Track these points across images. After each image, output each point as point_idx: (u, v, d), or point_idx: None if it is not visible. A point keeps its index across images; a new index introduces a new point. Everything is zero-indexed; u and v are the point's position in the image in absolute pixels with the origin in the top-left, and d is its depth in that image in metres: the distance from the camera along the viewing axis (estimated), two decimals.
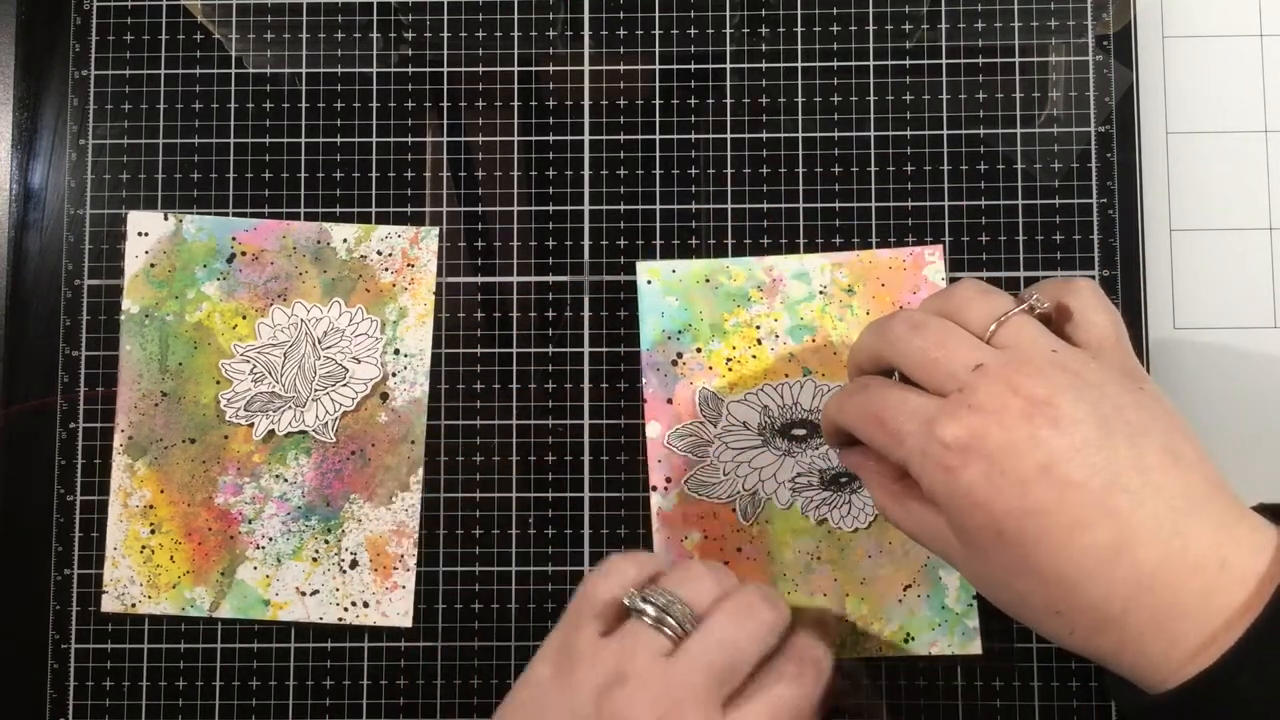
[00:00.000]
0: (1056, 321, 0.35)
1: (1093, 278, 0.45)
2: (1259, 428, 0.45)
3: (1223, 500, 0.31)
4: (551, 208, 0.46)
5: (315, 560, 0.45)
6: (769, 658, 0.35)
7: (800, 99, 0.46)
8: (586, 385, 0.45)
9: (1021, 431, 0.31)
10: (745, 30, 0.46)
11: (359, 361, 0.45)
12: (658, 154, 0.46)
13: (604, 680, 0.33)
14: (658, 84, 0.46)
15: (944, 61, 0.46)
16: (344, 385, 0.45)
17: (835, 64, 0.46)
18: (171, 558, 0.45)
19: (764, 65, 0.46)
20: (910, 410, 0.33)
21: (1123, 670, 0.32)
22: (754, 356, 0.45)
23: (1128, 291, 0.45)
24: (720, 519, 0.44)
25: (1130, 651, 0.31)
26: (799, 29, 0.46)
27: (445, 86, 0.47)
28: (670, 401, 0.45)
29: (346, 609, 0.45)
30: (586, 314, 0.46)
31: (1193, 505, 0.30)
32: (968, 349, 0.33)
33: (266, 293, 0.46)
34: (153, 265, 0.46)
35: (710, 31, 0.46)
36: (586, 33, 0.47)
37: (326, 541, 0.45)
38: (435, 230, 0.46)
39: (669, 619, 0.34)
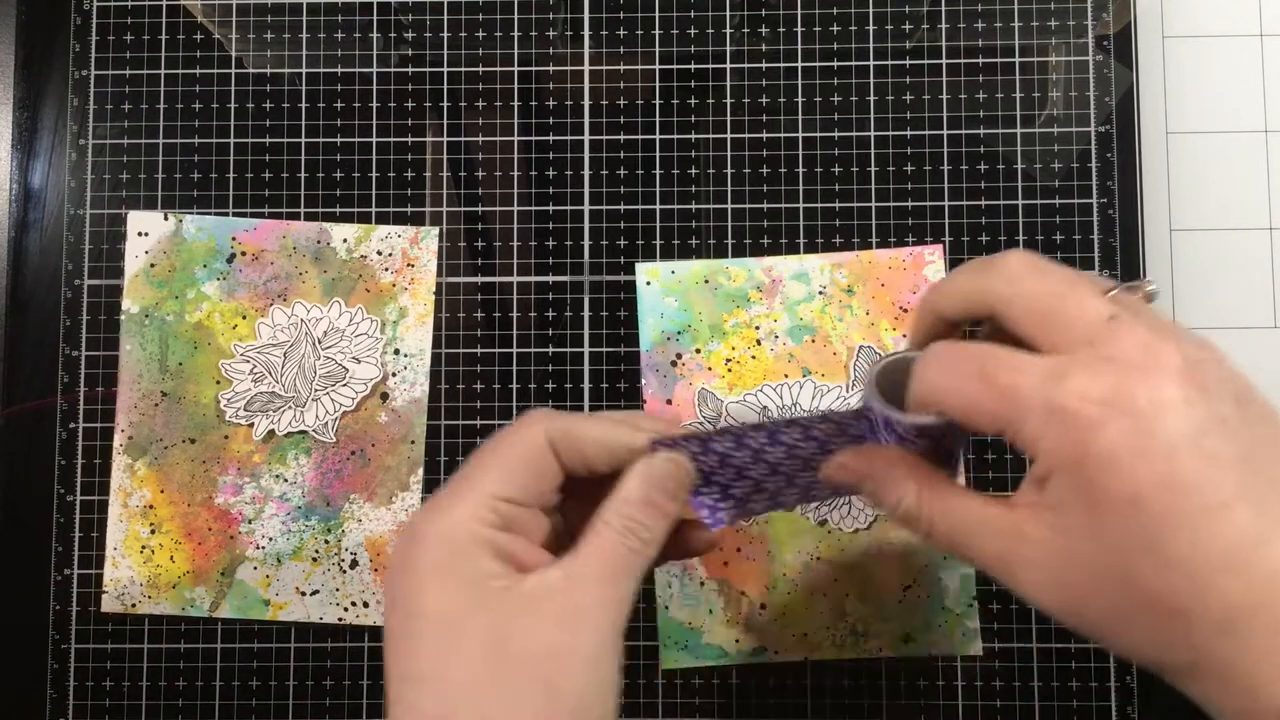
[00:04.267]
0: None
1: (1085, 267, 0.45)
2: None
3: None
4: (551, 208, 0.46)
5: (315, 560, 0.45)
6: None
7: (800, 99, 0.46)
8: (586, 385, 0.45)
9: (1172, 392, 0.27)
10: (745, 30, 0.46)
11: (359, 361, 0.45)
12: (658, 154, 0.46)
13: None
14: (658, 84, 0.46)
15: (944, 61, 0.46)
16: (344, 385, 0.45)
17: (835, 64, 0.46)
18: (171, 558, 0.45)
19: (764, 65, 0.46)
20: (1027, 365, 0.28)
21: (1229, 692, 0.28)
22: (753, 357, 0.45)
23: None
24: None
25: (1248, 665, 0.27)
26: (799, 29, 0.46)
27: (445, 86, 0.47)
28: (670, 402, 0.45)
29: (346, 609, 0.45)
30: (586, 314, 0.46)
31: None
32: (1097, 299, 0.29)
33: (266, 293, 0.46)
34: (153, 265, 0.46)
35: (710, 31, 0.46)
36: (586, 33, 0.47)
37: (326, 541, 0.45)
38: (435, 230, 0.46)
39: None
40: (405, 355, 0.45)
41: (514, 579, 0.30)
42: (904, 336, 0.44)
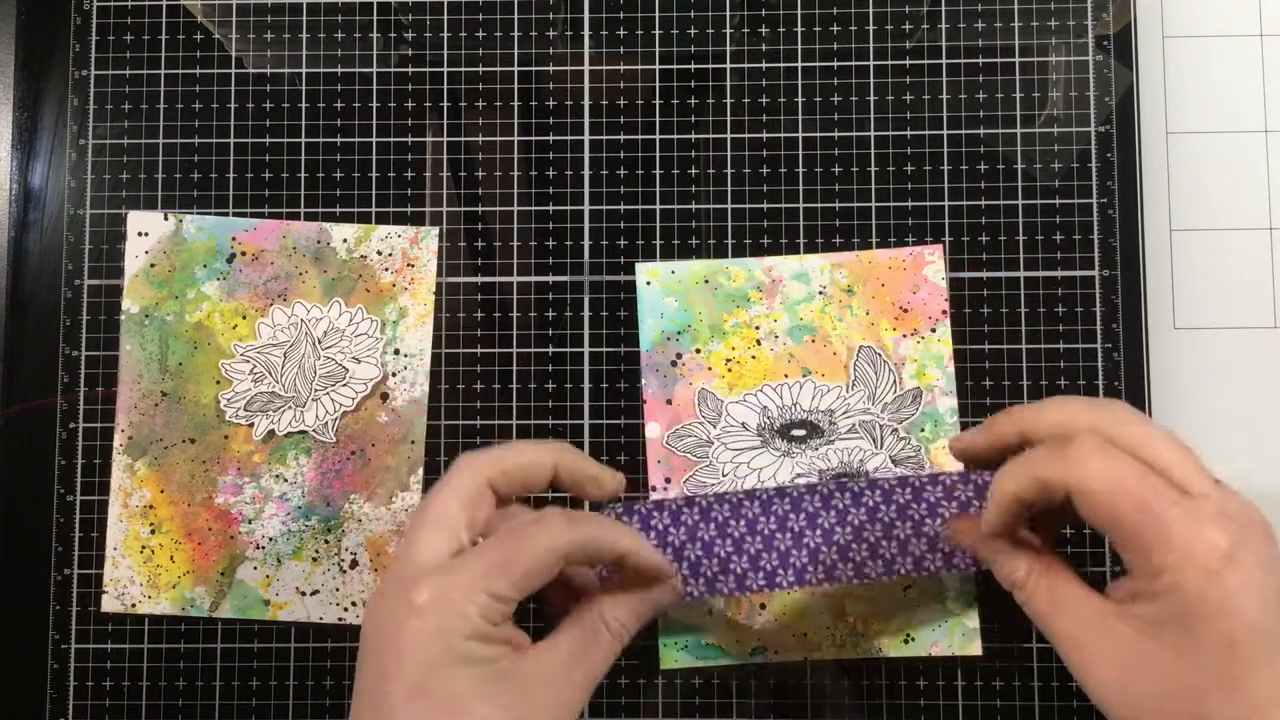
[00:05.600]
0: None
1: (1091, 278, 0.45)
2: (1259, 428, 0.45)
3: None
4: (551, 208, 0.46)
5: (315, 560, 0.45)
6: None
7: (800, 99, 0.46)
8: (586, 385, 0.45)
9: (1270, 552, 0.32)
10: (745, 30, 0.46)
11: (359, 361, 0.45)
12: (658, 154, 0.46)
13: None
14: (658, 84, 0.46)
15: (944, 61, 0.46)
16: (344, 385, 0.45)
17: (835, 64, 0.46)
18: (171, 558, 0.45)
19: (764, 65, 0.46)
20: (1174, 500, 0.32)
21: None
22: (753, 357, 0.45)
23: (1128, 291, 0.45)
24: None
25: None
26: (799, 29, 0.46)
27: (445, 86, 0.47)
28: (670, 402, 0.45)
29: (346, 609, 0.45)
30: (586, 314, 0.46)
31: None
32: (1200, 463, 0.33)
33: (266, 293, 0.46)
34: (153, 265, 0.46)
35: (710, 31, 0.46)
36: (586, 33, 0.47)
37: (326, 541, 0.45)
38: (435, 230, 0.46)
39: None
40: (405, 355, 0.45)
41: (512, 660, 0.33)
42: (905, 336, 0.44)
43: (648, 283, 0.45)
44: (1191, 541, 0.31)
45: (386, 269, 0.46)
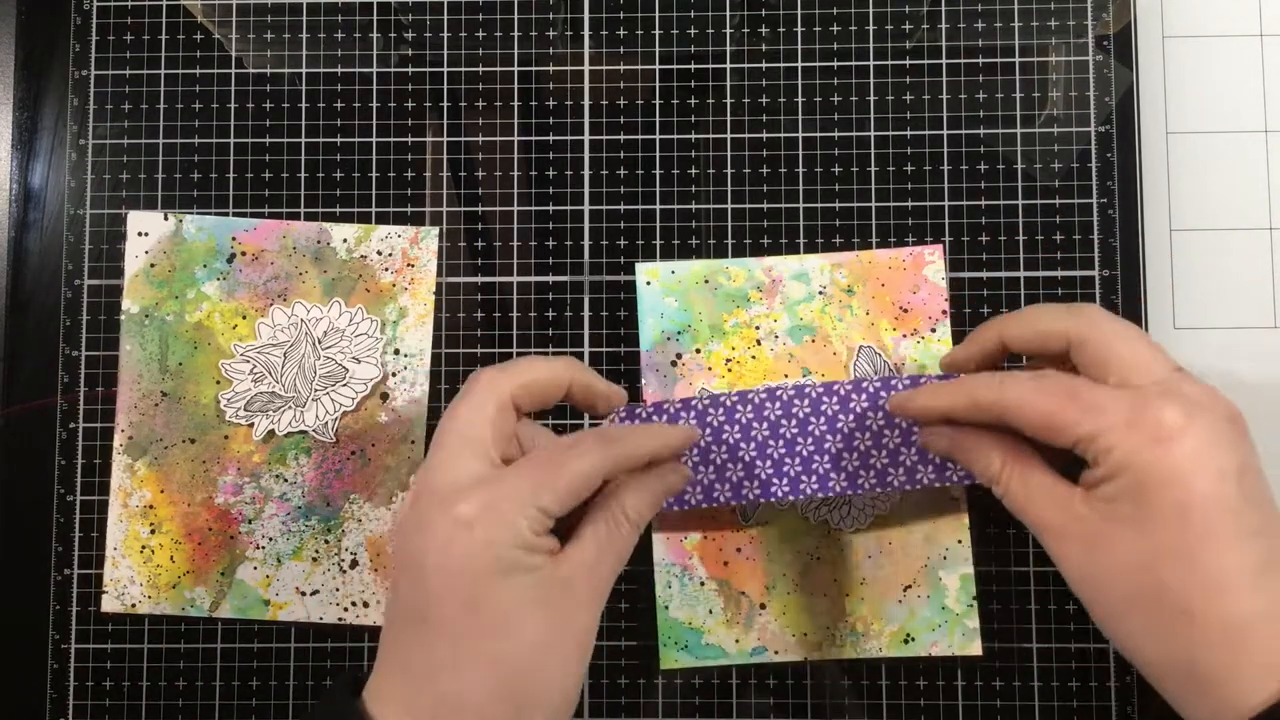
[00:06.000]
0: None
1: (1092, 278, 0.45)
2: (1259, 428, 0.45)
3: None
4: (551, 208, 0.46)
5: (315, 560, 0.45)
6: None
7: (800, 99, 0.46)
8: None
9: (1228, 431, 0.33)
10: (745, 30, 0.46)
11: (359, 361, 0.45)
12: (658, 154, 0.46)
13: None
14: (658, 84, 0.46)
15: (944, 61, 0.46)
16: (344, 385, 0.45)
17: (835, 64, 0.46)
18: (171, 558, 0.45)
19: (764, 65, 0.46)
20: (1111, 390, 0.34)
21: (1206, 695, 0.33)
22: (753, 357, 0.45)
23: (1128, 291, 0.45)
24: (720, 519, 0.44)
25: (1233, 673, 0.32)
26: (799, 29, 0.46)
27: (445, 86, 0.47)
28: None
29: (346, 609, 0.45)
30: (586, 314, 0.46)
31: None
32: (1165, 352, 0.35)
33: (266, 293, 0.46)
34: (153, 265, 0.46)
35: (710, 31, 0.46)
36: (586, 33, 0.47)
37: (326, 541, 0.45)
38: (435, 230, 0.46)
39: None
40: (405, 355, 0.45)
41: (552, 566, 0.34)
42: (905, 336, 0.44)
43: (648, 283, 0.45)
44: (1137, 417, 0.33)
45: (386, 269, 0.46)
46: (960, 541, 0.44)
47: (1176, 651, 0.33)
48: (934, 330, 0.44)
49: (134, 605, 0.45)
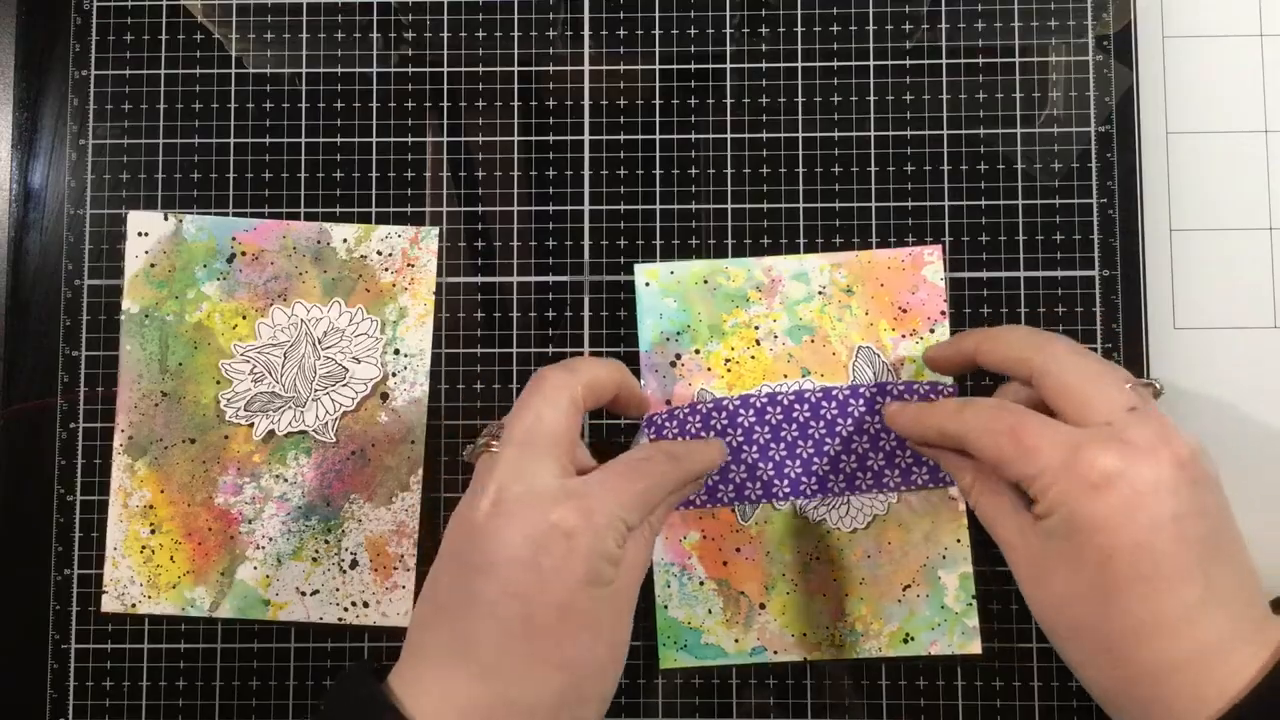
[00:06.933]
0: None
1: (1091, 278, 0.45)
2: (1259, 428, 0.45)
3: (1259, 586, 0.35)
4: (551, 208, 0.46)
5: (315, 560, 0.45)
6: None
7: (800, 99, 0.46)
8: None
9: (1169, 478, 0.33)
10: (745, 30, 0.46)
11: (359, 361, 0.45)
12: (658, 154, 0.46)
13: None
14: (658, 84, 0.46)
15: (944, 61, 0.46)
16: (344, 385, 0.45)
17: (835, 64, 0.46)
18: (171, 558, 0.45)
19: (764, 65, 0.46)
20: (1053, 432, 0.34)
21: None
22: (753, 357, 0.45)
23: (1128, 291, 0.45)
24: (719, 519, 0.44)
25: (1158, 705, 0.33)
26: (799, 29, 0.46)
27: (445, 86, 0.47)
28: (669, 402, 0.45)
29: (346, 609, 0.45)
30: (586, 314, 0.46)
31: (1253, 586, 0.34)
32: (1122, 391, 0.35)
33: (266, 293, 0.46)
34: (153, 265, 0.46)
35: (710, 31, 0.46)
36: (586, 33, 0.47)
37: (326, 541, 0.45)
38: (435, 230, 0.46)
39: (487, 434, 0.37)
40: (405, 355, 0.45)
41: (619, 575, 0.35)
42: (904, 337, 0.44)
43: (647, 283, 0.45)
44: (1073, 461, 0.33)
45: (386, 269, 0.46)
46: (959, 541, 0.44)
47: (1114, 682, 0.34)
48: (933, 330, 0.44)
49: (134, 605, 0.45)
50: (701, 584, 0.44)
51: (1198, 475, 0.33)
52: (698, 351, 0.45)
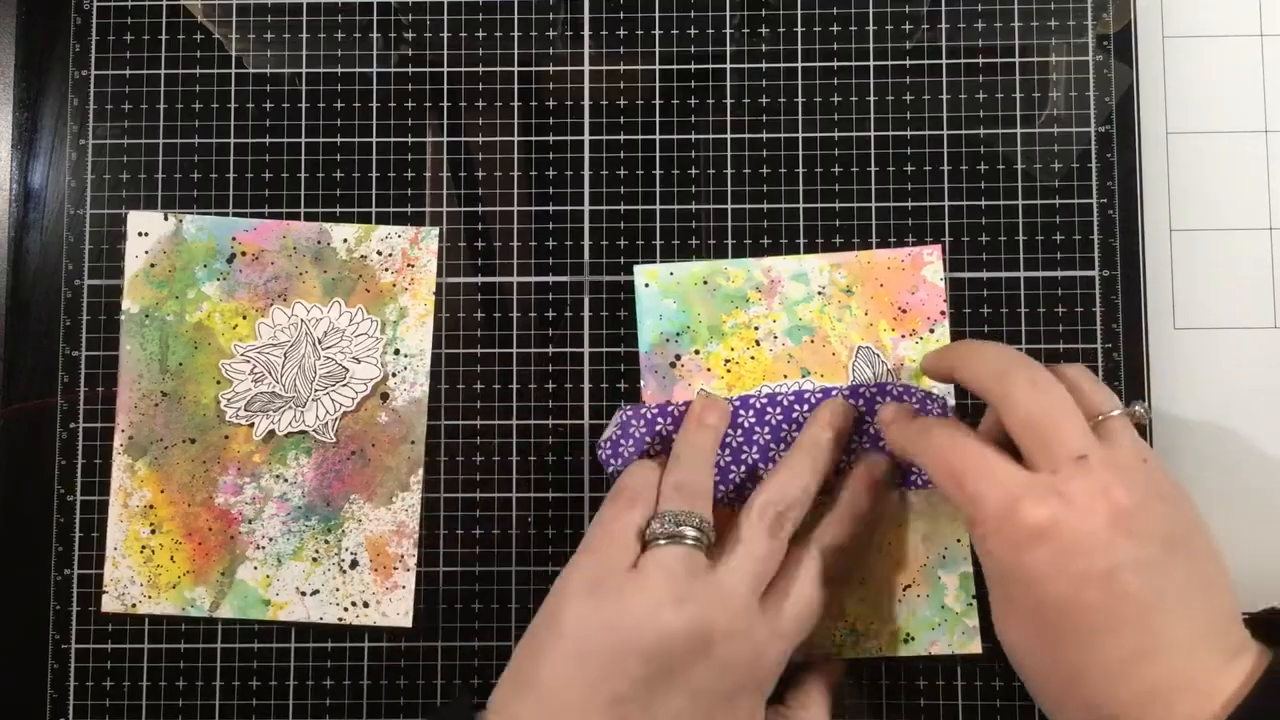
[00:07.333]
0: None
1: (1091, 278, 0.45)
2: (1258, 428, 0.45)
3: (1234, 631, 0.33)
4: (551, 208, 0.46)
5: (315, 560, 0.45)
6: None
7: (800, 99, 0.46)
8: (586, 385, 0.45)
9: (1101, 534, 0.33)
10: (745, 30, 0.46)
11: (359, 361, 0.45)
12: (658, 154, 0.46)
13: (663, 600, 0.36)
14: (658, 84, 0.46)
15: (944, 61, 0.46)
16: (344, 385, 0.45)
17: (835, 64, 0.46)
18: (172, 558, 0.45)
19: (764, 65, 0.46)
20: (995, 480, 0.34)
21: None
22: (752, 358, 0.45)
23: (1128, 291, 0.45)
24: (719, 519, 0.44)
25: None
26: (799, 29, 0.46)
27: (445, 86, 0.47)
28: (668, 403, 0.45)
29: (346, 609, 0.45)
30: (586, 314, 0.46)
31: (1211, 632, 0.33)
32: (1076, 435, 0.34)
33: (266, 293, 0.46)
34: (153, 265, 0.46)
35: (710, 31, 0.46)
36: (586, 33, 0.47)
37: (326, 541, 0.45)
38: (435, 230, 0.46)
39: (687, 537, 0.38)
40: (405, 355, 0.45)
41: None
42: (904, 337, 0.44)
43: (646, 284, 0.45)
44: (1008, 514, 0.33)
45: (386, 269, 0.46)
46: (959, 540, 0.44)
47: (1064, 717, 0.35)
48: (932, 331, 0.44)
49: (134, 605, 0.45)
50: None
51: (1139, 527, 0.33)
52: (697, 352, 0.45)
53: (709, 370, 0.45)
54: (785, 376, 0.44)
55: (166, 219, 0.46)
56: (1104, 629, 0.32)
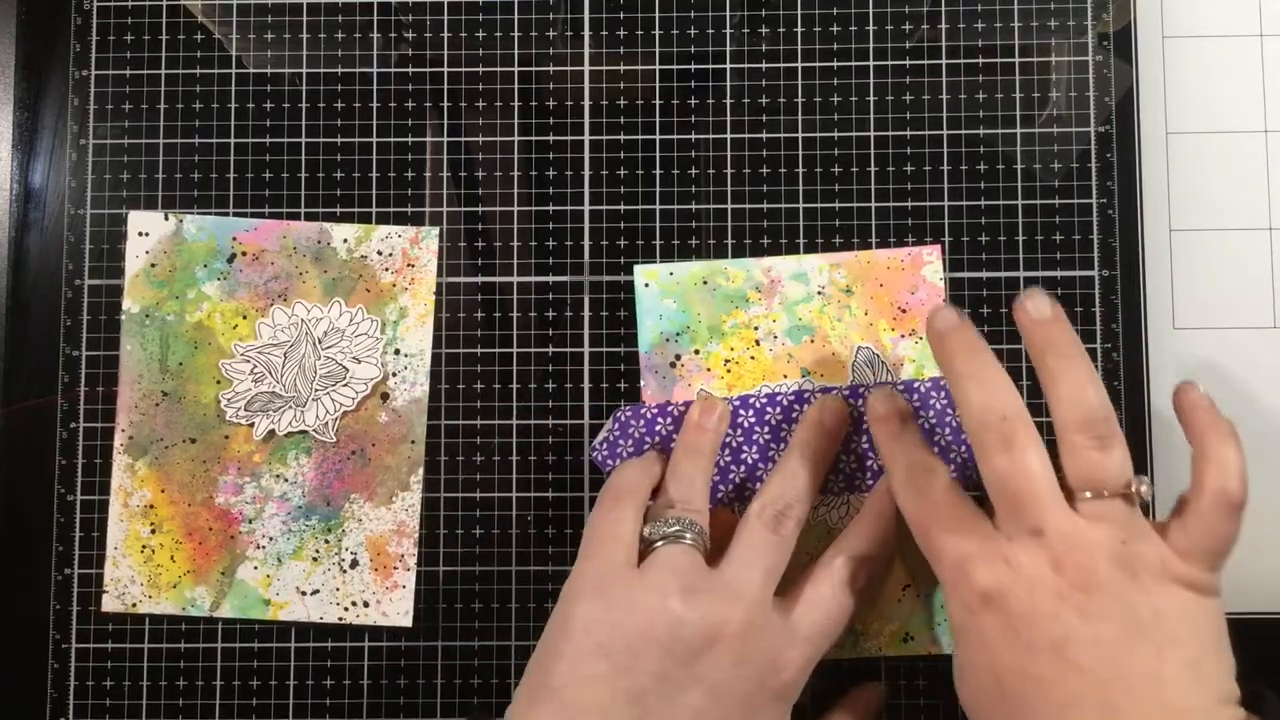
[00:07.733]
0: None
1: (1091, 278, 0.45)
2: (1258, 428, 0.45)
3: (1224, 714, 0.32)
4: (551, 208, 0.46)
5: (315, 560, 0.45)
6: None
7: (800, 99, 0.46)
8: (586, 385, 0.45)
9: (1046, 607, 0.32)
10: (745, 30, 0.46)
11: (359, 361, 0.45)
12: (658, 154, 0.46)
13: (670, 592, 0.36)
14: (658, 84, 0.46)
15: (944, 61, 0.46)
16: (344, 385, 0.45)
17: (835, 64, 0.46)
18: (172, 557, 0.45)
19: (764, 65, 0.46)
20: (953, 542, 0.35)
21: None
22: (752, 358, 0.45)
23: (1127, 291, 0.45)
24: (719, 519, 0.44)
25: None
26: (799, 29, 0.46)
27: (445, 86, 0.47)
28: (668, 403, 0.45)
29: (346, 609, 0.45)
30: (586, 314, 0.46)
31: (1193, 715, 0.31)
32: (1037, 507, 0.33)
33: (267, 293, 0.46)
34: (153, 265, 0.46)
35: (710, 31, 0.46)
36: (586, 33, 0.47)
37: (326, 541, 0.45)
38: (435, 230, 0.46)
39: (685, 539, 0.38)
40: (405, 355, 0.45)
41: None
42: (903, 337, 0.44)
43: (646, 284, 0.45)
44: (959, 580, 0.34)
45: (387, 269, 0.46)
46: None
47: None
48: None
49: (134, 605, 0.45)
50: None
51: (1093, 607, 0.32)
52: (697, 352, 0.45)
53: (709, 370, 0.45)
54: (785, 376, 0.44)
55: (167, 219, 0.46)
56: (1061, 703, 0.32)
